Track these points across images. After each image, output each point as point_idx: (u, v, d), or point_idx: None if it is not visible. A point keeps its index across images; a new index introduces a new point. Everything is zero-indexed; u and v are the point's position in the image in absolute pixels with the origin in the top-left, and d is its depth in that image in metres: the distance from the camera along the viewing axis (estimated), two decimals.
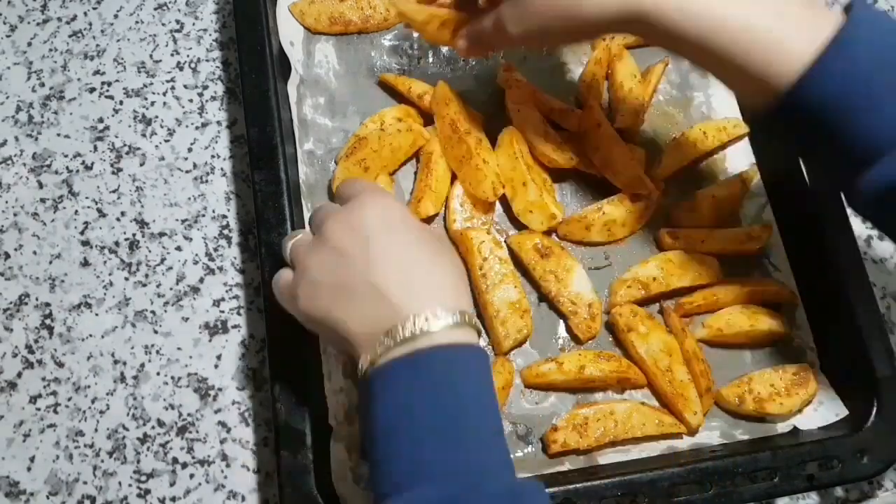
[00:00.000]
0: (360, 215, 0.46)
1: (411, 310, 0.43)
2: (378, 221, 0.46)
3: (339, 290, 0.45)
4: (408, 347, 0.43)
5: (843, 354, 0.58)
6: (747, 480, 0.52)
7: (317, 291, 0.46)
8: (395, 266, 0.45)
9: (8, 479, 0.57)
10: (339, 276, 0.45)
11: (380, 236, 0.45)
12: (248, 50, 0.61)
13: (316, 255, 0.46)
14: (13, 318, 0.61)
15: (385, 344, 0.43)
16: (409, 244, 0.46)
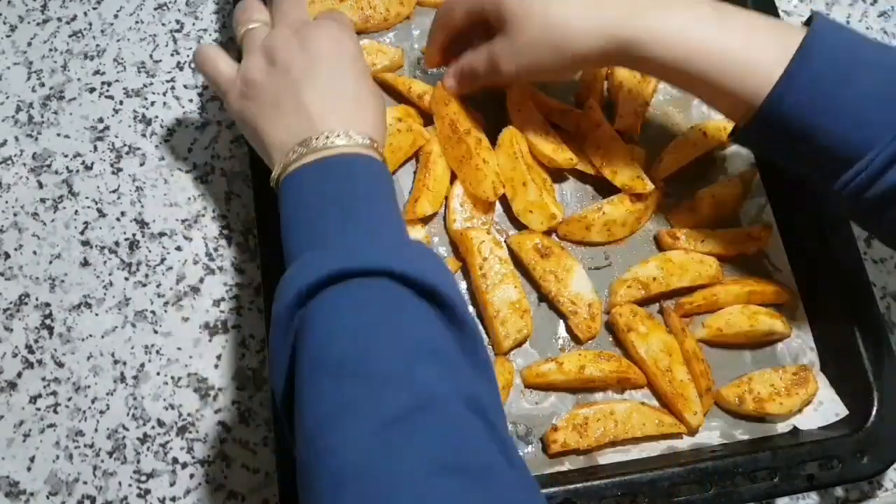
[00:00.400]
0: (316, 42, 0.51)
1: (327, 127, 0.49)
2: (328, 53, 0.51)
3: (272, 100, 0.50)
4: (317, 155, 0.48)
5: (843, 354, 0.58)
6: (747, 480, 0.52)
7: (253, 94, 0.51)
8: (326, 91, 0.50)
9: (8, 479, 0.57)
10: (276, 88, 0.50)
11: (324, 64, 0.51)
12: None
13: (261, 62, 0.52)
14: (13, 318, 0.61)
15: (298, 152, 0.48)
16: (345, 78, 0.51)
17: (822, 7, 0.74)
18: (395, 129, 0.61)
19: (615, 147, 0.61)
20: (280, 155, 0.49)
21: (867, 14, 0.74)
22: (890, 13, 0.74)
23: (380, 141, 0.51)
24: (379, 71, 0.64)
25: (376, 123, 0.52)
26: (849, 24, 0.73)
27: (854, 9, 0.74)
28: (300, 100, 0.50)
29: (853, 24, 0.73)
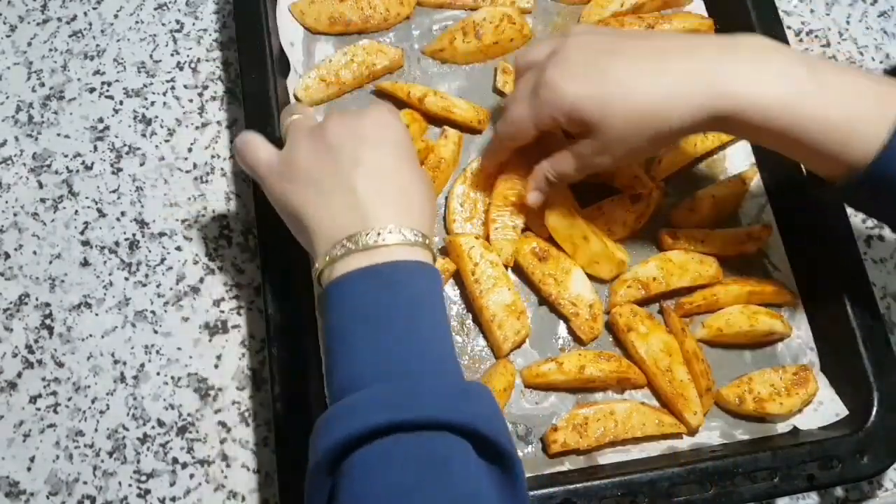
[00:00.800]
0: (363, 122, 0.49)
1: (378, 221, 0.45)
2: (377, 133, 0.48)
3: (319, 184, 0.47)
4: (365, 257, 0.45)
5: (843, 354, 0.58)
6: (747, 480, 0.52)
7: (297, 177, 0.48)
8: (376, 176, 0.47)
9: (8, 479, 0.57)
10: (324, 170, 0.47)
11: (373, 146, 0.47)
12: (248, 50, 0.61)
13: (311, 142, 0.48)
14: (13, 318, 0.61)
15: (346, 247, 0.45)
16: (396, 163, 0.48)
17: (821, 7, 0.74)
18: None
19: None
20: (325, 246, 0.46)
21: (867, 14, 0.74)
22: (890, 13, 0.74)
23: (429, 232, 0.48)
24: (378, 71, 0.64)
25: (425, 212, 0.48)
26: (848, 24, 0.73)
27: (854, 9, 0.74)
28: (349, 185, 0.46)
29: (853, 24, 0.73)
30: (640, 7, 0.67)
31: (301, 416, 0.52)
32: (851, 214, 0.60)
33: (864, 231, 0.66)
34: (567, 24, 0.68)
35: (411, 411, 0.39)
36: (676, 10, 0.69)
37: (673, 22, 0.66)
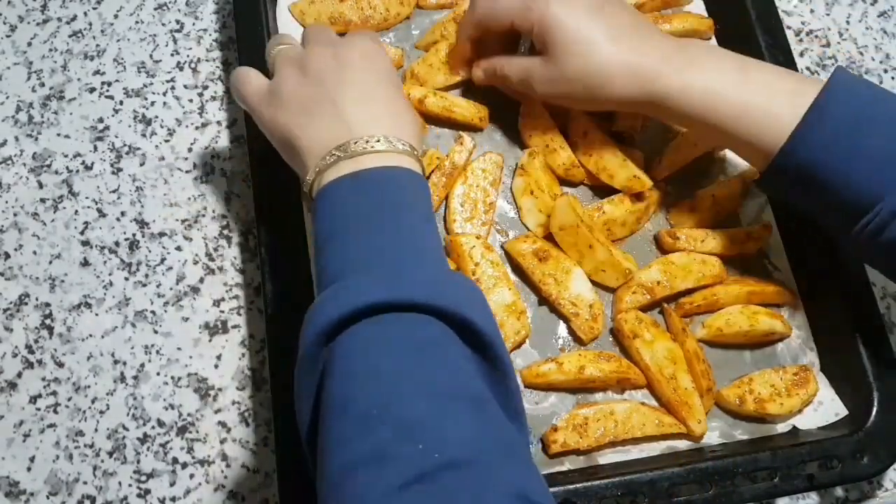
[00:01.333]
0: (345, 51, 0.51)
1: (364, 131, 0.47)
2: (359, 58, 0.51)
3: (304, 107, 0.49)
4: (353, 163, 0.46)
5: (843, 354, 0.58)
6: (747, 480, 0.52)
7: (285, 104, 0.50)
8: (359, 94, 0.49)
9: (8, 479, 0.57)
10: (310, 94, 0.49)
11: (358, 73, 0.50)
12: (248, 50, 0.61)
13: (294, 73, 0.50)
14: (13, 318, 0.61)
15: (334, 155, 0.47)
16: (378, 82, 0.51)
17: (821, 7, 0.74)
18: None
19: (606, 152, 0.61)
20: (315, 160, 0.48)
21: (867, 14, 0.74)
22: (890, 13, 0.74)
23: (418, 145, 0.50)
24: None
25: (412, 130, 0.50)
26: (848, 24, 0.73)
27: (854, 9, 0.74)
28: (337, 105, 0.48)
29: (853, 24, 0.73)
30: (640, 7, 0.67)
31: None
32: None
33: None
34: None
35: (396, 293, 0.40)
36: (676, 9, 0.69)
37: (673, 22, 0.66)
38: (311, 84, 0.49)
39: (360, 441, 0.35)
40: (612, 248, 0.59)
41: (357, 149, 0.46)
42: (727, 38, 0.67)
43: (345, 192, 0.46)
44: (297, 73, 0.50)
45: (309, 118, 0.49)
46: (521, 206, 0.61)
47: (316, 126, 0.48)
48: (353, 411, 0.36)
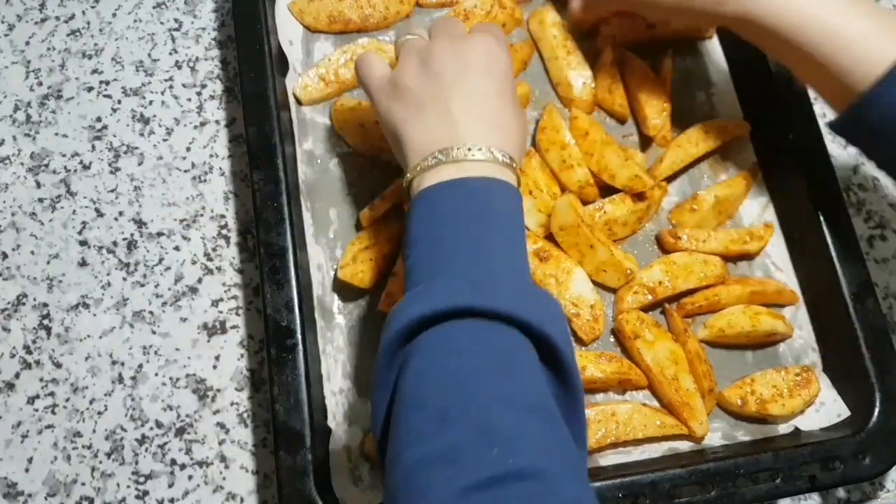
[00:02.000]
0: (470, 49, 0.50)
1: (469, 137, 0.47)
2: (483, 61, 0.50)
3: (418, 101, 0.49)
4: (454, 169, 0.46)
5: (845, 355, 0.58)
6: (749, 481, 0.52)
7: (401, 95, 0.50)
8: (475, 101, 0.49)
9: (6, 481, 0.57)
10: (425, 90, 0.49)
11: (476, 73, 0.49)
12: (246, 49, 0.61)
13: (414, 65, 0.50)
14: (11, 319, 0.61)
15: (437, 158, 0.47)
16: (497, 92, 0.50)
17: None
18: None
19: (607, 151, 0.61)
20: (417, 158, 0.48)
21: None
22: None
23: (518, 161, 0.49)
24: None
25: (518, 143, 0.50)
26: None
27: None
28: (447, 105, 0.48)
29: None
30: None
31: (300, 417, 0.52)
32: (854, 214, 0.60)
33: (867, 231, 0.66)
34: None
35: (482, 300, 0.40)
36: None
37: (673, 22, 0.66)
38: (429, 79, 0.49)
39: (436, 438, 0.36)
40: (613, 248, 0.59)
41: (459, 155, 0.47)
42: (729, 37, 0.67)
43: (443, 198, 0.46)
44: (417, 65, 0.50)
45: (419, 114, 0.49)
46: None
47: (424, 123, 0.49)
48: (431, 408, 0.37)
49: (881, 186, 0.67)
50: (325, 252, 0.60)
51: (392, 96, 0.51)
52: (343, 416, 0.56)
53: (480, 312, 0.40)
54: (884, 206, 0.67)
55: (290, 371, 0.53)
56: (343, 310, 0.59)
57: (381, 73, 0.52)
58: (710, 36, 0.68)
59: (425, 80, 0.49)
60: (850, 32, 0.48)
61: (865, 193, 0.67)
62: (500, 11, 0.64)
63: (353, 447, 0.55)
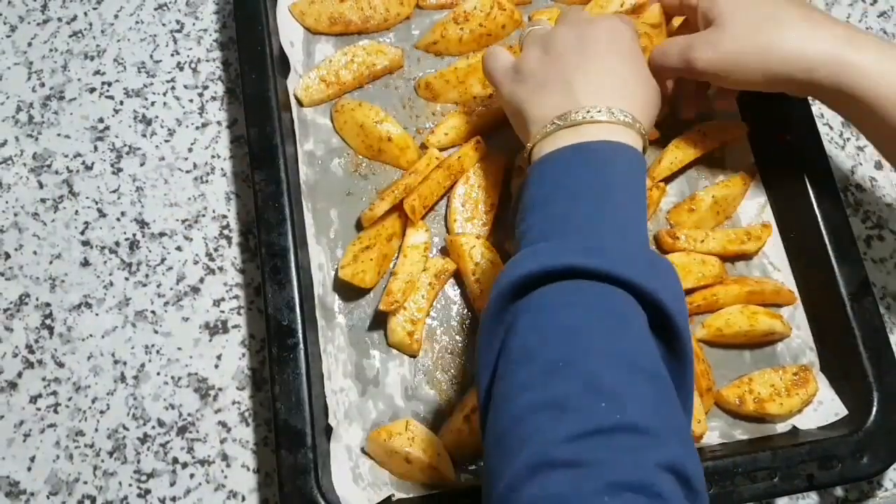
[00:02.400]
0: (592, 31, 0.51)
1: (587, 101, 0.47)
2: (605, 38, 0.50)
3: (540, 82, 0.50)
4: (573, 134, 0.46)
5: (843, 354, 0.58)
6: (747, 480, 0.52)
7: (524, 79, 0.51)
8: (594, 69, 0.49)
9: (8, 479, 0.57)
10: (546, 71, 0.50)
11: (596, 50, 0.50)
12: (248, 50, 0.61)
13: (537, 51, 0.51)
14: (13, 318, 0.61)
15: (555, 124, 0.47)
16: (617, 59, 0.50)
17: (821, 7, 0.74)
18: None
19: None
20: (537, 128, 0.48)
21: (867, 14, 0.74)
22: (890, 13, 0.74)
23: (644, 124, 0.48)
24: (379, 71, 0.64)
25: (644, 106, 0.49)
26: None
27: (854, 9, 0.74)
28: (567, 79, 0.49)
29: (853, 23, 0.73)
30: (640, 7, 0.67)
31: (301, 416, 0.52)
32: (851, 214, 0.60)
33: (865, 231, 0.66)
34: None
35: (595, 260, 0.40)
36: None
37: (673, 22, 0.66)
38: (551, 61, 0.50)
39: (546, 388, 0.36)
40: None
41: (577, 118, 0.46)
42: None
43: (560, 163, 0.46)
44: (540, 51, 0.51)
45: (542, 91, 0.49)
46: None
47: (546, 98, 0.49)
48: (540, 360, 0.37)
49: (879, 187, 0.68)
50: (326, 252, 0.60)
51: (515, 80, 0.51)
52: (344, 415, 0.56)
53: (593, 273, 0.39)
54: (881, 207, 0.67)
55: (291, 370, 0.53)
56: (343, 309, 0.59)
57: (504, 62, 0.53)
58: None
59: (547, 62, 0.50)
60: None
61: (863, 194, 0.67)
62: (499, 13, 0.65)
63: (354, 446, 0.56)
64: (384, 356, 0.58)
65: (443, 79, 0.64)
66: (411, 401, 0.57)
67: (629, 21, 0.54)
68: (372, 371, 0.58)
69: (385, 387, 0.58)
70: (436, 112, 0.65)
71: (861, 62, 0.49)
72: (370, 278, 0.58)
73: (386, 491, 0.54)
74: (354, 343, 0.59)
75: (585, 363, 0.37)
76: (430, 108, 0.65)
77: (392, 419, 0.57)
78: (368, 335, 0.59)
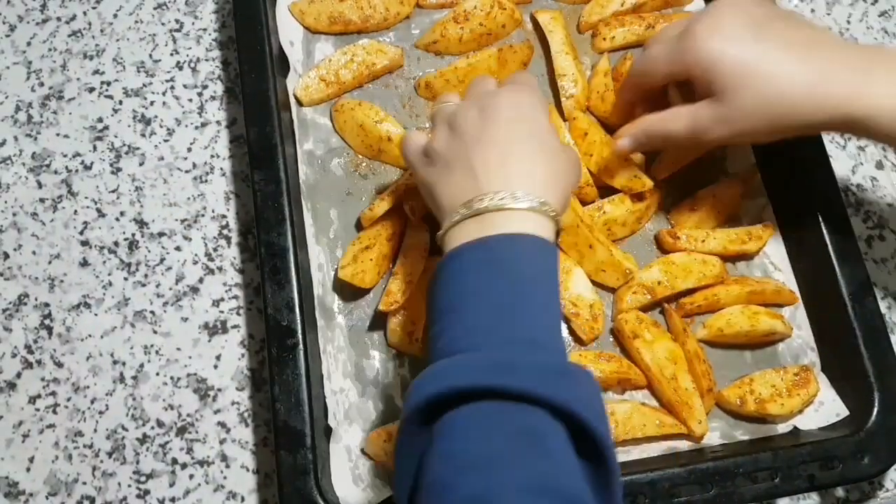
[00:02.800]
0: (494, 104, 0.49)
1: (492, 187, 0.45)
2: (507, 112, 0.48)
3: (447, 163, 0.48)
4: (478, 225, 0.45)
5: (844, 354, 0.58)
6: (748, 481, 0.52)
7: (434, 161, 0.49)
8: (496, 149, 0.47)
9: (7, 480, 0.57)
10: (452, 152, 0.48)
11: (500, 123, 0.48)
12: (247, 49, 0.61)
13: (444, 130, 0.50)
14: (12, 319, 0.61)
15: (461, 213, 0.46)
16: (519, 133, 0.48)
17: (822, 7, 0.74)
18: None
19: (606, 151, 0.61)
20: (446, 216, 0.47)
21: (867, 14, 0.74)
22: (890, 13, 0.74)
23: (553, 199, 0.46)
24: (378, 70, 0.64)
25: (553, 179, 0.47)
26: (849, 23, 0.73)
27: (854, 9, 0.74)
28: (469, 159, 0.47)
29: (853, 23, 0.73)
30: (640, 6, 0.67)
31: (300, 416, 0.52)
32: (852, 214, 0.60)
33: (865, 231, 0.66)
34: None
35: (508, 379, 0.38)
36: (677, 9, 0.69)
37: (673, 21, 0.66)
38: (455, 141, 0.48)
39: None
40: (613, 248, 0.59)
41: (480, 206, 0.45)
42: None
43: (469, 263, 0.44)
44: (446, 130, 0.50)
45: (448, 174, 0.48)
46: None
47: (452, 182, 0.48)
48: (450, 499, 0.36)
49: (880, 187, 0.68)
50: (326, 252, 0.60)
51: (425, 163, 0.50)
52: (343, 416, 0.56)
53: (504, 393, 0.38)
54: (882, 207, 0.67)
55: (290, 370, 0.53)
56: (343, 309, 0.59)
57: (418, 144, 0.52)
58: None
59: (452, 141, 0.49)
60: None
61: (864, 193, 0.67)
62: (499, 12, 0.65)
63: (354, 446, 0.56)
64: (384, 356, 0.58)
65: (443, 78, 0.63)
66: None
67: (533, 84, 0.51)
68: (372, 371, 0.58)
69: (385, 387, 0.58)
70: None
71: (877, 102, 0.48)
72: (370, 278, 0.58)
73: (386, 492, 0.54)
74: (354, 343, 0.58)
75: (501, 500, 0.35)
76: (429, 107, 0.65)
77: (392, 420, 0.56)
78: (368, 335, 0.59)
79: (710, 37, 0.50)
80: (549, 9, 0.67)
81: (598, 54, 0.66)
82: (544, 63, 0.67)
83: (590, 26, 0.67)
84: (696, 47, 0.51)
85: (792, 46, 0.49)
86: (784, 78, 0.49)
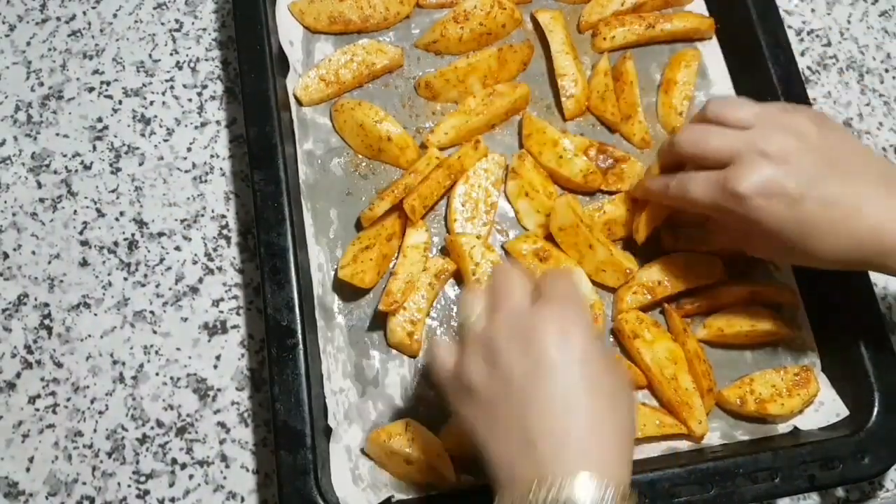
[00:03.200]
0: (538, 332, 0.43)
1: (555, 470, 0.40)
2: (554, 348, 0.42)
3: (492, 409, 0.43)
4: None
5: (844, 355, 0.58)
6: (748, 481, 0.52)
7: (471, 396, 0.44)
8: (552, 409, 0.41)
9: (7, 480, 0.57)
10: (496, 396, 0.43)
11: (549, 367, 0.42)
12: (247, 49, 0.61)
13: (480, 361, 0.44)
14: (12, 319, 0.61)
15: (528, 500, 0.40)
16: (578, 386, 0.42)
17: (822, 7, 0.74)
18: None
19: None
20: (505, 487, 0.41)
21: (867, 14, 0.74)
22: (890, 13, 0.74)
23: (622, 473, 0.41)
24: (378, 70, 0.64)
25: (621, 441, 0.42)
26: (849, 23, 0.73)
27: (855, 8, 0.74)
28: (522, 418, 0.41)
29: (854, 23, 0.73)
30: (640, 6, 0.67)
31: (300, 416, 0.52)
32: None
33: None
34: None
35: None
36: (677, 9, 0.69)
37: (673, 21, 0.66)
38: (497, 381, 0.43)
39: None
40: (613, 248, 0.59)
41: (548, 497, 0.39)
42: (728, 39, 0.67)
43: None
44: (481, 361, 0.44)
45: (494, 422, 0.43)
46: (517, 209, 0.61)
47: (500, 437, 0.42)
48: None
49: None
50: (326, 252, 0.60)
51: (461, 391, 0.44)
52: (343, 416, 0.56)
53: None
54: None
55: (290, 370, 0.53)
56: (343, 309, 0.59)
57: (448, 364, 0.46)
58: (710, 36, 0.68)
59: (494, 382, 0.43)
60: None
61: None
62: (499, 12, 0.65)
63: (354, 446, 0.55)
64: (384, 356, 0.58)
65: (443, 78, 0.63)
66: (411, 401, 0.57)
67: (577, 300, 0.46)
68: (372, 371, 0.58)
69: (385, 387, 0.58)
70: (436, 111, 0.64)
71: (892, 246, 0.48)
72: (370, 278, 0.58)
73: (386, 492, 0.54)
74: (354, 343, 0.58)
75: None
76: (429, 107, 0.65)
77: (392, 420, 0.56)
78: (368, 335, 0.59)
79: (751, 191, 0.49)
80: (549, 8, 0.67)
81: (598, 54, 0.66)
82: (544, 63, 0.67)
83: (590, 26, 0.67)
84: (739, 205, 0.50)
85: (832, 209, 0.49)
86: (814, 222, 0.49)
